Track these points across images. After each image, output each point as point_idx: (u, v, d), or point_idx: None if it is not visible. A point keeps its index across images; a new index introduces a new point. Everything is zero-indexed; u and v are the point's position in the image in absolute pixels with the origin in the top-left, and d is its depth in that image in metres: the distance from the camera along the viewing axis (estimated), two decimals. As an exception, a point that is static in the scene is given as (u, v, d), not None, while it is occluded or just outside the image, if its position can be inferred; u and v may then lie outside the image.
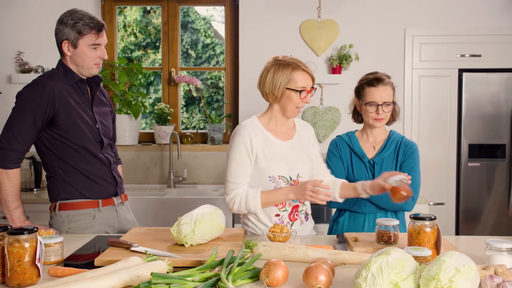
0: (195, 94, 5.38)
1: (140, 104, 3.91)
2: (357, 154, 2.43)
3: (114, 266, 1.55)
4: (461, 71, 3.86)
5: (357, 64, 3.84)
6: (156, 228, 2.18)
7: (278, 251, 1.77)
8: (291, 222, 2.25)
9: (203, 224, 1.91)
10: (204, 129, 4.14)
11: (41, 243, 1.55)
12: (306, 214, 2.32)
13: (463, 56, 3.87)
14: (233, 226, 3.39)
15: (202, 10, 5.57)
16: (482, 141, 3.81)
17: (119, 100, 3.90)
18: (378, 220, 2.00)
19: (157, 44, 5.44)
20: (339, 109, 3.88)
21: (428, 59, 3.90)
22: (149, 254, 1.67)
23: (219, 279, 1.44)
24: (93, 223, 2.27)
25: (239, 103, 3.98)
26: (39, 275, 1.54)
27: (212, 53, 5.71)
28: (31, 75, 3.76)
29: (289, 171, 2.22)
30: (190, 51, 5.67)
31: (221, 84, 5.44)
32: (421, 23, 3.90)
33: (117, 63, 3.97)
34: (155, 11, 5.32)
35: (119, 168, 2.50)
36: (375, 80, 2.36)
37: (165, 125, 4.00)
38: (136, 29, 5.48)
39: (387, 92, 2.35)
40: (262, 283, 1.49)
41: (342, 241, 2.04)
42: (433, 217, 1.78)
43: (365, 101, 2.37)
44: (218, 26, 5.50)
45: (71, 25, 2.19)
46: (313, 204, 2.50)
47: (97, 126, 2.29)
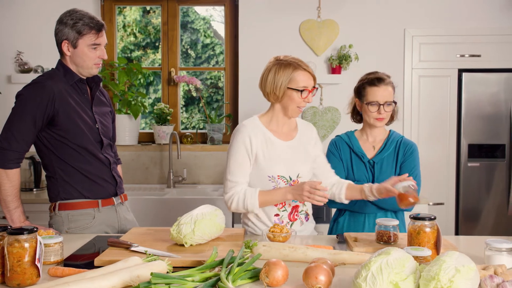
0: (194, 94, 5.38)
1: (139, 104, 3.91)
2: (356, 154, 2.43)
3: (114, 266, 1.55)
4: (460, 71, 3.86)
5: (356, 64, 3.84)
6: (156, 228, 2.18)
7: (278, 251, 1.77)
8: (290, 222, 2.24)
9: (203, 224, 1.92)
10: (203, 129, 4.14)
11: (41, 243, 1.55)
12: (307, 214, 2.31)
13: (462, 56, 3.87)
14: (232, 226, 3.39)
15: (201, 10, 5.57)
16: (482, 141, 3.81)
17: (118, 100, 3.90)
18: (378, 220, 2.00)
19: (157, 44, 5.44)
20: (338, 109, 3.88)
21: (427, 59, 3.90)
22: (149, 254, 1.67)
23: (219, 279, 1.44)
24: (92, 223, 2.27)
25: (238, 103, 3.98)
26: (39, 275, 1.54)
27: (212, 53, 5.71)
28: (31, 75, 3.75)
29: (289, 171, 2.21)
30: (189, 51, 5.67)
31: (220, 84, 5.44)
32: (420, 23, 3.90)
33: (116, 63, 3.97)
34: (154, 11, 5.32)
35: (119, 168, 2.50)
36: (377, 79, 2.36)
37: (165, 125, 4.00)
38: (136, 29, 5.49)
39: (388, 92, 2.35)
40: (262, 283, 1.49)
41: (342, 241, 2.04)
42: (433, 217, 1.78)
43: (366, 100, 2.37)
44: (218, 26, 5.50)
45: (71, 25, 2.18)
46: (313, 204, 2.50)
47: (97, 126, 2.29)
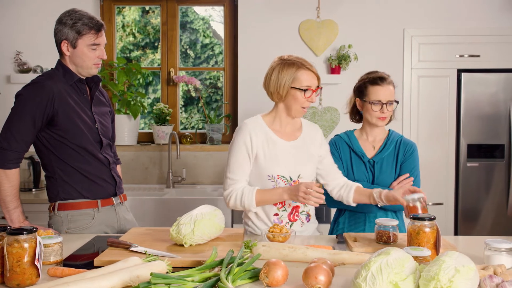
0: (194, 94, 5.38)
1: (139, 104, 3.91)
2: (356, 153, 2.43)
3: (113, 266, 1.55)
4: (460, 71, 3.86)
5: (356, 64, 3.84)
6: (156, 228, 2.18)
7: (278, 251, 1.77)
8: (290, 223, 2.24)
9: (202, 224, 1.91)
10: (203, 129, 4.14)
11: (40, 243, 1.55)
12: (308, 215, 2.29)
13: (462, 56, 3.87)
14: (232, 226, 3.39)
15: (201, 10, 5.57)
16: (481, 141, 3.82)
17: (118, 100, 3.90)
18: (378, 220, 2.00)
19: (156, 44, 5.44)
20: (338, 109, 3.88)
21: (427, 59, 3.90)
22: (149, 254, 1.67)
23: (218, 279, 1.44)
24: (92, 223, 2.26)
25: (238, 103, 3.97)
26: (38, 275, 1.54)
27: (211, 53, 5.71)
28: (30, 75, 3.75)
29: (289, 172, 2.21)
30: (189, 51, 5.67)
31: (219, 84, 5.44)
32: (420, 23, 3.90)
33: (116, 63, 3.96)
34: (154, 11, 5.32)
35: (118, 168, 2.50)
36: (379, 78, 2.36)
37: (164, 125, 4.00)
38: (135, 29, 5.48)
39: (390, 91, 2.35)
40: (261, 283, 1.49)
41: (341, 241, 2.04)
42: (432, 217, 1.78)
43: (369, 99, 2.36)
44: (217, 26, 5.50)
45: (70, 25, 2.18)
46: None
47: (96, 126, 2.29)
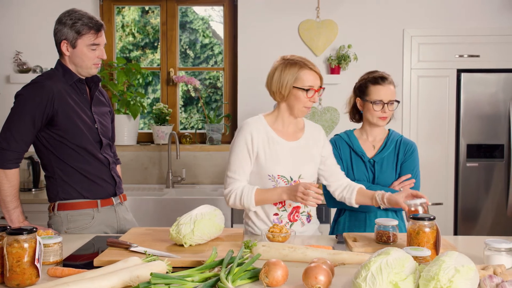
0: (193, 94, 5.38)
1: (138, 104, 3.91)
2: (357, 153, 2.43)
3: (113, 266, 1.55)
4: (459, 71, 3.86)
5: (355, 64, 3.84)
6: (155, 228, 2.18)
7: (278, 251, 1.77)
8: (290, 223, 2.24)
9: (202, 224, 1.91)
10: (202, 129, 4.14)
11: (40, 243, 1.55)
12: (309, 215, 2.29)
13: (461, 56, 3.87)
14: (232, 226, 3.39)
15: (200, 10, 5.57)
16: (480, 141, 3.82)
17: (117, 100, 3.90)
18: (377, 220, 2.00)
19: (156, 44, 5.43)
20: (337, 109, 3.88)
21: (426, 60, 3.90)
22: (149, 254, 1.67)
23: (218, 279, 1.44)
24: (92, 223, 2.26)
25: (237, 103, 3.97)
26: (38, 275, 1.54)
27: (211, 53, 5.71)
28: (30, 75, 3.75)
29: (290, 172, 2.21)
30: (188, 51, 5.67)
31: (219, 84, 5.44)
32: (419, 23, 3.90)
33: (115, 63, 3.96)
34: (153, 11, 5.32)
35: (118, 168, 2.50)
36: (381, 78, 2.35)
37: (164, 125, 4.00)
38: (135, 29, 5.48)
39: (391, 91, 2.35)
40: (261, 283, 1.49)
41: (341, 241, 2.04)
42: (432, 217, 1.78)
43: (370, 99, 2.35)
44: (216, 26, 5.50)
45: (70, 25, 2.18)
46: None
47: (96, 126, 2.29)
